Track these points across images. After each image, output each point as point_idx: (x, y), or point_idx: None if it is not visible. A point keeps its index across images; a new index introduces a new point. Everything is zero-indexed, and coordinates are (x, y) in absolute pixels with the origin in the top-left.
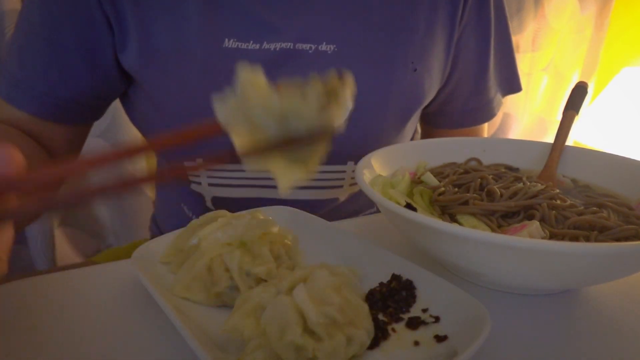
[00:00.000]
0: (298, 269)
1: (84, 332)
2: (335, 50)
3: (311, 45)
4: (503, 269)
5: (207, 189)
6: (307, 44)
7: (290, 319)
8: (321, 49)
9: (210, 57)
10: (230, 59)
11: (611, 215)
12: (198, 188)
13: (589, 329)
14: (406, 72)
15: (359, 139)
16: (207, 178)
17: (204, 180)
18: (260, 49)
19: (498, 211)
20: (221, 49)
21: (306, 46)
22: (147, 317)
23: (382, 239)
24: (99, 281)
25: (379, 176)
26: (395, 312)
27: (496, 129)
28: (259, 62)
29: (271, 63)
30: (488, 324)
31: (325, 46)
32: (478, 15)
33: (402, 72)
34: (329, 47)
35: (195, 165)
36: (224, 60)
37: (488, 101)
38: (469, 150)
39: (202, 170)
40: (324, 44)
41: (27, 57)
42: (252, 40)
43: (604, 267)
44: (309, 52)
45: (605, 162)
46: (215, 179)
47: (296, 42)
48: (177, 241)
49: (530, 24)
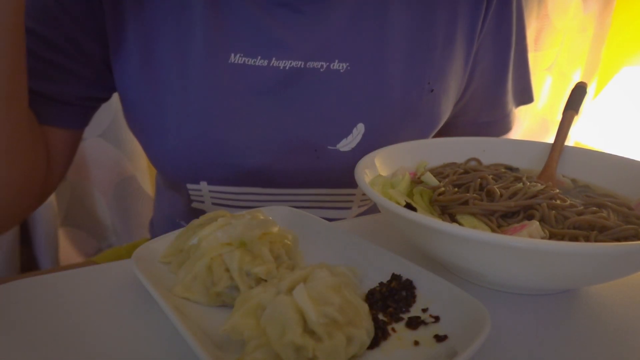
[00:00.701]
0: (298, 269)
1: (83, 332)
2: (348, 69)
3: (323, 63)
4: (503, 269)
5: (210, 207)
6: (319, 62)
7: (290, 319)
8: (333, 67)
9: (215, 72)
10: (236, 75)
11: (611, 215)
12: (201, 206)
13: (589, 329)
14: (422, 92)
15: None
16: (210, 199)
17: (208, 201)
18: (269, 65)
19: (498, 211)
20: (227, 64)
21: (317, 64)
22: (147, 317)
23: (382, 239)
24: (99, 281)
25: (379, 176)
26: (395, 312)
27: None
28: (267, 80)
29: (280, 82)
30: (488, 324)
31: (337, 64)
32: (499, 24)
33: (418, 92)
34: (342, 66)
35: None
36: (230, 76)
37: (505, 114)
38: (469, 150)
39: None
40: (337, 62)
41: None
42: (260, 55)
43: (603, 267)
44: (320, 71)
45: (605, 162)
46: (220, 200)
47: (307, 60)
48: (177, 241)
49: (533, 23)
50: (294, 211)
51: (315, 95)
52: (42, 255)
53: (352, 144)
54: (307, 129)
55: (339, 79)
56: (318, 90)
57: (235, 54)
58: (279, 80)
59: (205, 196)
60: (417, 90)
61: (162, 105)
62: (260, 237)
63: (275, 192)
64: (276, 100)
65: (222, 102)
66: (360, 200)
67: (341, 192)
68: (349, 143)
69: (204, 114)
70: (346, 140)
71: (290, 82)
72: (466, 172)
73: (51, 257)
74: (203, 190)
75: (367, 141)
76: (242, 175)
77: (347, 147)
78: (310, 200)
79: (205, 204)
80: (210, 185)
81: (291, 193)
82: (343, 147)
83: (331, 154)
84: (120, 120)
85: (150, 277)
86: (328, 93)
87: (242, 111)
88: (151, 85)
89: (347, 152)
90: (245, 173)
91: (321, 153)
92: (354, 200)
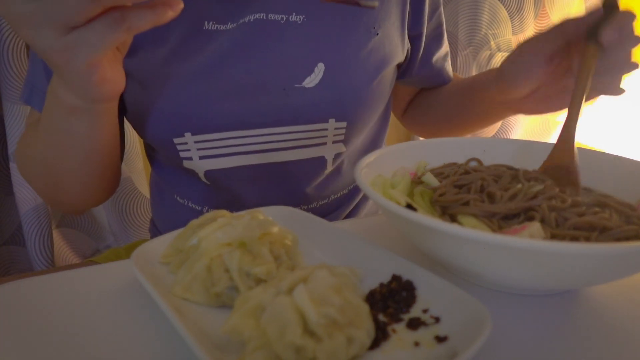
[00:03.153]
0: (298, 269)
1: (83, 332)
2: (304, 21)
3: (283, 15)
4: (503, 270)
5: (198, 163)
6: (279, 14)
7: (290, 319)
8: (291, 19)
9: (190, 40)
10: (211, 40)
11: (613, 216)
12: (190, 165)
13: (589, 329)
14: (370, 35)
15: (336, 99)
16: (197, 151)
17: (195, 154)
18: (237, 26)
19: (499, 213)
20: (201, 31)
21: (278, 17)
22: (147, 317)
23: (382, 239)
24: (98, 281)
25: (379, 176)
26: (395, 312)
27: (498, 129)
28: (236, 39)
29: (246, 34)
30: (489, 324)
31: (295, 16)
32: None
33: (366, 36)
34: (299, 18)
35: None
36: (204, 41)
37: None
38: (469, 150)
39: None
40: (294, 14)
41: (37, 60)
42: (229, 22)
43: (604, 267)
44: (281, 23)
45: (605, 162)
46: (205, 151)
47: (268, 13)
48: (177, 241)
49: (532, 23)
50: (294, 211)
51: (279, 43)
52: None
53: (315, 80)
54: (274, 71)
55: (298, 29)
56: (280, 38)
57: (209, 22)
58: (244, 32)
59: (192, 149)
60: (365, 35)
61: (144, 72)
62: (260, 237)
63: (253, 133)
64: (244, 49)
65: (200, 62)
66: (333, 136)
67: (314, 127)
68: (312, 80)
69: (184, 72)
70: (310, 78)
71: (255, 33)
72: (467, 172)
73: (46, 258)
74: (189, 143)
75: (328, 77)
76: (222, 121)
77: (311, 84)
78: (287, 140)
79: (193, 161)
80: (194, 136)
81: (268, 133)
82: (308, 84)
83: (298, 91)
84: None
85: (150, 277)
86: (289, 40)
87: (215, 64)
88: (132, 57)
89: (312, 87)
90: (224, 118)
91: (290, 91)
92: (327, 135)
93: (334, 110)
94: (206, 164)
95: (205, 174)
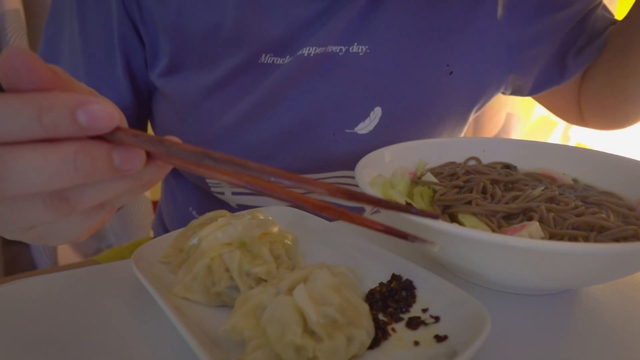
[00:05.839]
0: (298, 269)
1: (83, 332)
2: (367, 52)
3: (342, 47)
4: (503, 269)
5: (231, 197)
6: (338, 45)
7: (290, 319)
8: (352, 50)
9: (241, 73)
10: (266, 73)
11: (611, 216)
12: (221, 197)
13: (589, 329)
14: (440, 75)
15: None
16: (230, 188)
17: (227, 191)
18: (294, 59)
19: (499, 212)
20: (255, 64)
21: (337, 48)
22: (147, 317)
23: (382, 239)
24: (99, 281)
25: (379, 176)
26: (395, 312)
27: (499, 129)
28: (290, 69)
29: (302, 70)
30: (488, 324)
31: (356, 47)
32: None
33: (436, 75)
34: (361, 49)
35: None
36: (258, 74)
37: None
38: (469, 150)
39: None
40: (355, 45)
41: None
42: (288, 55)
43: (603, 267)
44: (340, 55)
45: (605, 162)
46: (239, 188)
47: (327, 44)
48: (177, 241)
49: None
50: (294, 211)
51: (334, 79)
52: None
53: (369, 127)
54: (326, 113)
55: (358, 62)
56: (337, 73)
57: (266, 55)
58: (300, 68)
59: (225, 186)
60: (435, 73)
61: (184, 100)
62: (260, 237)
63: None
64: (297, 85)
65: (247, 101)
66: None
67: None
68: (366, 126)
69: (226, 108)
70: (364, 124)
71: (310, 67)
72: (467, 172)
73: (49, 256)
74: (223, 183)
75: (385, 124)
76: (262, 162)
77: (364, 130)
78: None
79: (226, 196)
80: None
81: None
82: (361, 130)
83: (349, 137)
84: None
85: (150, 277)
86: (347, 76)
87: (263, 102)
88: (175, 76)
89: (364, 134)
90: (262, 162)
91: (339, 136)
92: None
93: None
94: (239, 199)
95: (237, 206)
